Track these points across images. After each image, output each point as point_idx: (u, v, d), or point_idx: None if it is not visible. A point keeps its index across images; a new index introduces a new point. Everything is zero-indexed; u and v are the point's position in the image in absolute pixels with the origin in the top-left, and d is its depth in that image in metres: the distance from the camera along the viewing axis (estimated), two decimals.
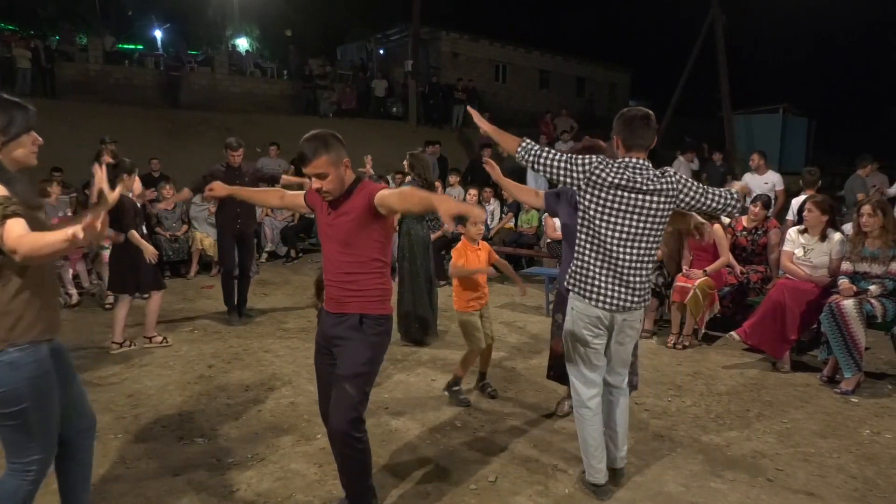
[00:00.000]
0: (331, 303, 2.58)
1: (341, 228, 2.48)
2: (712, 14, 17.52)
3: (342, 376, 2.48)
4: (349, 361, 2.49)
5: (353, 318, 2.51)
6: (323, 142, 2.42)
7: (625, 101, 29.40)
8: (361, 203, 2.44)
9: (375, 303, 2.53)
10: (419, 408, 3.99)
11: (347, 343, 2.51)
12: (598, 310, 2.79)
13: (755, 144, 17.63)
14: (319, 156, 2.39)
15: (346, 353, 2.51)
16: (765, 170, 8.20)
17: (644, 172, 2.71)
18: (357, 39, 27.44)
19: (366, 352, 2.50)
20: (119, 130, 11.99)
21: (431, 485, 3.03)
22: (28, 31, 21.45)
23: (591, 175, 2.70)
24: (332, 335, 2.56)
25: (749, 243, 5.79)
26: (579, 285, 2.83)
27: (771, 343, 4.78)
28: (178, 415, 3.85)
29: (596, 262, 2.77)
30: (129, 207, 5.00)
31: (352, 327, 2.50)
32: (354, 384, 2.46)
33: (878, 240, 4.46)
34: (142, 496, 2.91)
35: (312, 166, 2.40)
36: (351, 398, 2.45)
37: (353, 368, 2.47)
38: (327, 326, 2.59)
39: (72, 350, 5.08)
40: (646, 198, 2.70)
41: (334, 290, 2.55)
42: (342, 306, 2.53)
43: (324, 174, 2.41)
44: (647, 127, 2.76)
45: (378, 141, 14.86)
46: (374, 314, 2.53)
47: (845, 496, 2.98)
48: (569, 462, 3.27)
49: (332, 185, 2.43)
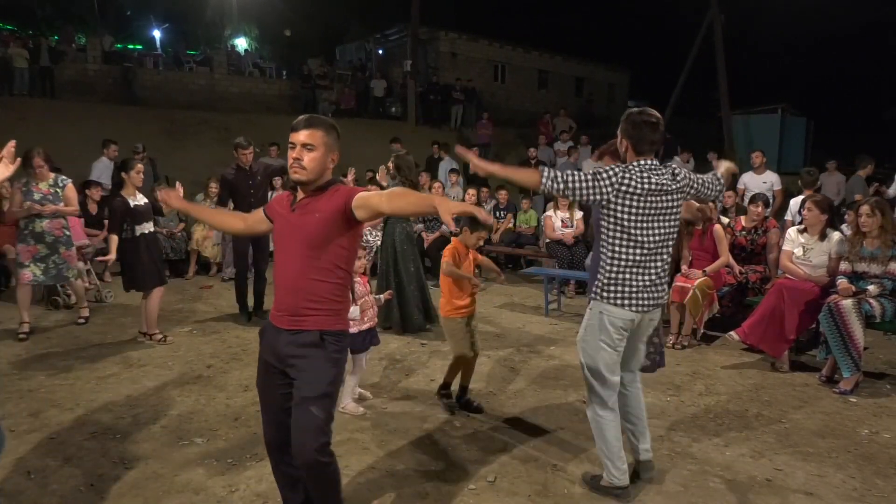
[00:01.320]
0: (284, 317, 2.29)
1: (307, 228, 2.24)
2: (711, 14, 17.55)
3: (307, 398, 2.20)
4: (313, 381, 2.22)
5: (313, 335, 2.24)
6: (325, 122, 2.30)
7: (623, 101, 29.41)
8: (335, 204, 2.22)
9: (335, 318, 2.30)
10: (418, 407, 3.99)
11: (308, 361, 2.24)
12: (633, 313, 2.81)
13: (754, 145, 17.64)
14: (317, 128, 2.24)
15: (308, 372, 2.23)
16: (763, 169, 8.24)
17: (663, 174, 2.77)
18: (356, 39, 27.45)
19: (330, 370, 2.26)
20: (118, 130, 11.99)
21: (430, 484, 3.03)
22: (26, 31, 21.43)
23: (621, 186, 2.71)
24: (287, 354, 2.27)
25: (748, 243, 5.80)
26: (613, 291, 2.82)
27: (770, 343, 4.78)
28: (177, 415, 3.84)
29: (634, 266, 2.79)
30: (117, 208, 5.13)
31: (311, 345, 2.24)
32: (322, 406, 2.21)
33: (877, 240, 4.46)
34: (140, 497, 2.91)
35: (304, 134, 2.22)
36: (319, 421, 2.20)
37: (319, 388, 2.22)
38: (280, 345, 2.28)
39: (71, 350, 5.11)
40: (671, 197, 2.79)
41: (289, 301, 2.28)
42: (298, 322, 2.26)
43: (311, 146, 2.22)
44: (656, 131, 2.81)
45: (377, 141, 14.85)
46: (335, 330, 2.29)
47: (844, 496, 2.98)
48: (568, 462, 3.27)
49: (313, 162, 2.22)
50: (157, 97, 16.89)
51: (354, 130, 15.72)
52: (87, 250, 7.02)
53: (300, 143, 2.23)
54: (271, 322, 2.35)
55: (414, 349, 5.25)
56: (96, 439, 3.49)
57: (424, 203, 2.15)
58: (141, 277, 5.19)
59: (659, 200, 2.75)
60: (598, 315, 2.84)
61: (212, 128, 15.21)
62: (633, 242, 2.76)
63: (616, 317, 2.80)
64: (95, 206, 7.84)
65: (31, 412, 3.84)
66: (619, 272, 2.79)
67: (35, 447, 3.37)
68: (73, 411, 3.87)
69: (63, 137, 12.06)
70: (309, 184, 2.26)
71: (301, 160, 2.21)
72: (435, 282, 7.96)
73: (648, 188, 2.71)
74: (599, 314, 2.83)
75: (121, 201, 5.13)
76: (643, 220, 2.73)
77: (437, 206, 2.00)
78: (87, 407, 3.94)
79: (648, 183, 2.71)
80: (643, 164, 2.75)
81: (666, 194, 2.76)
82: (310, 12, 27.52)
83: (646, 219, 2.74)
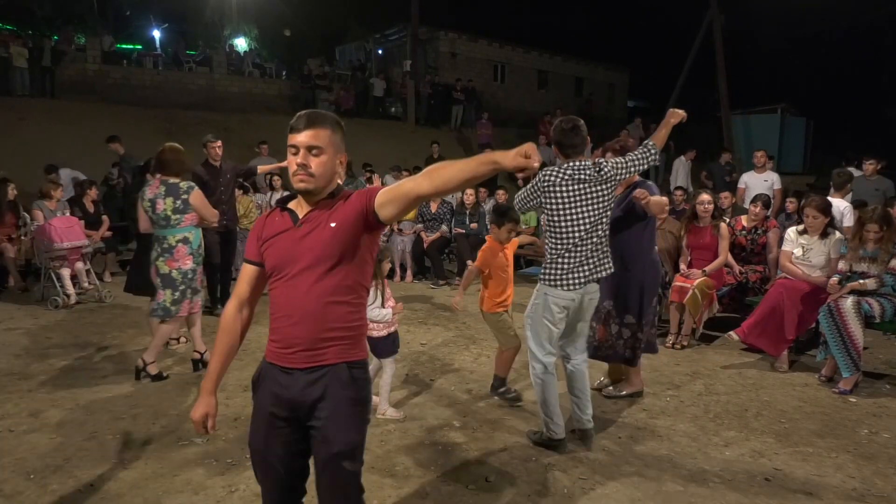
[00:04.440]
0: (295, 355, 1.84)
1: (322, 244, 1.82)
2: (710, 14, 17.55)
3: (340, 453, 1.82)
4: (344, 431, 1.83)
5: (337, 371, 1.84)
6: (330, 118, 1.88)
7: (623, 101, 29.45)
8: (354, 209, 1.83)
9: (357, 345, 1.91)
10: (417, 407, 3.99)
11: (335, 406, 1.83)
12: (571, 292, 3.25)
13: (754, 144, 17.62)
14: (321, 126, 1.84)
15: (335, 421, 1.83)
16: (765, 168, 8.26)
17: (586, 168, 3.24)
18: (356, 39, 27.44)
19: (360, 413, 1.89)
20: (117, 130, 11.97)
21: (430, 484, 3.03)
22: (26, 31, 21.41)
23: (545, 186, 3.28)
24: (307, 399, 1.83)
25: (748, 242, 5.81)
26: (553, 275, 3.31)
27: (769, 343, 4.79)
28: (176, 415, 3.84)
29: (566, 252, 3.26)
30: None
31: (336, 383, 1.84)
32: (355, 459, 1.87)
33: (877, 243, 4.46)
34: (140, 497, 2.91)
35: (309, 134, 1.81)
36: (355, 479, 1.88)
37: (351, 439, 1.85)
38: (294, 390, 1.83)
39: (71, 350, 5.11)
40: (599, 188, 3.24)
41: (300, 334, 1.83)
42: (316, 357, 1.83)
43: (317, 149, 1.82)
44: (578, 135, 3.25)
45: (377, 141, 14.87)
46: (359, 360, 1.91)
47: (843, 496, 2.98)
48: (568, 462, 3.27)
49: (322, 167, 1.83)
50: (157, 97, 16.87)
51: (354, 130, 15.70)
52: (86, 250, 7.03)
53: (304, 145, 1.82)
54: (272, 364, 1.89)
55: (414, 349, 5.25)
56: (96, 439, 3.49)
57: (479, 163, 1.70)
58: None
59: (581, 190, 3.19)
60: (544, 296, 3.28)
61: (211, 128, 15.09)
62: (564, 232, 3.22)
63: (558, 296, 3.25)
64: (93, 206, 7.85)
65: (31, 412, 3.84)
66: (557, 258, 3.25)
67: (35, 447, 3.37)
68: (73, 411, 3.87)
69: (63, 137, 12.07)
70: (317, 193, 1.86)
71: (308, 166, 1.81)
72: (434, 282, 8.04)
73: (569, 181, 3.18)
74: (544, 295, 3.28)
75: None
76: (569, 211, 3.19)
77: (498, 160, 1.67)
78: (88, 407, 3.94)
79: (570, 178, 3.18)
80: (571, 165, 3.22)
81: (588, 184, 3.19)
82: (310, 12, 27.51)
83: (572, 210, 3.19)
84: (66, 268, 6.70)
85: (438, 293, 7.59)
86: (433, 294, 7.56)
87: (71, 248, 6.74)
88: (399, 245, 8.24)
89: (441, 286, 7.89)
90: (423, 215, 8.52)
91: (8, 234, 7.31)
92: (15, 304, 6.65)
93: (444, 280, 8.03)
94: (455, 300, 4.11)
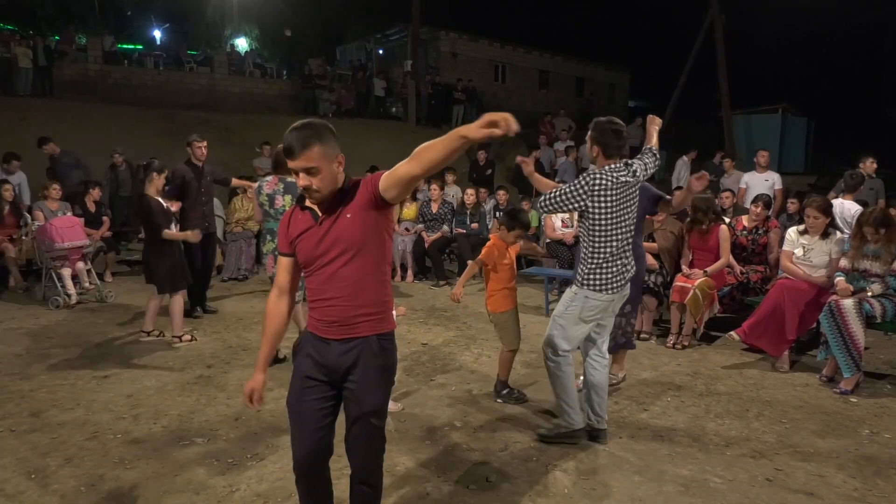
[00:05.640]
0: (331, 328, 2.14)
1: (345, 232, 2.06)
2: (711, 14, 17.54)
3: (369, 412, 2.15)
4: (371, 393, 2.15)
5: (368, 342, 2.14)
6: (315, 131, 2.04)
7: (624, 101, 29.45)
8: (363, 198, 2.06)
9: (385, 319, 2.19)
10: (418, 407, 3.99)
11: (365, 372, 2.14)
12: (611, 294, 3.31)
13: (754, 145, 17.60)
14: (311, 147, 2.00)
15: (364, 384, 2.14)
16: (766, 168, 8.26)
17: (626, 172, 3.27)
18: (356, 39, 27.46)
19: (386, 378, 2.22)
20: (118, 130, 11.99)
21: (430, 484, 3.03)
22: (27, 31, 21.43)
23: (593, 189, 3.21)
24: (342, 366, 2.14)
25: (749, 243, 5.80)
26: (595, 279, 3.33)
27: (770, 343, 4.78)
28: (177, 415, 3.84)
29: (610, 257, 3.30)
30: (156, 208, 5.13)
31: (368, 353, 2.14)
32: (381, 416, 2.20)
33: (879, 242, 4.46)
34: (141, 497, 2.91)
35: (302, 159, 2.00)
36: (380, 433, 2.21)
37: (377, 399, 2.18)
38: (330, 357, 2.14)
39: (72, 350, 5.11)
40: (633, 191, 3.31)
41: (337, 313, 2.12)
42: (350, 330, 2.12)
43: (314, 169, 2.01)
44: (621, 138, 3.30)
45: (378, 141, 14.87)
46: (386, 332, 2.19)
47: (844, 496, 2.98)
48: (568, 462, 3.27)
49: (323, 182, 2.04)
50: (158, 97, 16.89)
51: (355, 130, 15.74)
52: (87, 250, 7.03)
53: (300, 169, 2.02)
54: (313, 334, 2.19)
55: (414, 349, 5.25)
56: (96, 439, 3.49)
57: (450, 140, 1.85)
58: (169, 278, 5.20)
59: (624, 193, 3.22)
60: (583, 299, 3.32)
61: (212, 128, 15.19)
62: (608, 236, 3.24)
63: (597, 299, 3.31)
64: (94, 206, 7.86)
65: (31, 412, 3.84)
66: (601, 262, 3.27)
67: (35, 447, 3.38)
68: (73, 411, 3.87)
69: (63, 137, 12.07)
70: (333, 199, 2.10)
71: (311, 186, 2.04)
72: (435, 282, 8.04)
73: (616, 184, 3.19)
74: (584, 298, 3.32)
75: (156, 201, 5.15)
76: (614, 214, 3.21)
77: (465, 133, 1.81)
78: (87, 407, 3.95)
79: (615, 181, 3.19)
80: (613, 167, 3.23)
81: (628, 186, 3.24)
82: (310, 12, 27.53)
83: (616, 213, 3.21)
84: (67, 268, 6.71)
85: (439, 293, 7.59)
86: (434, 294, 7.56)
87: (72, 247, 6.74)
88: (400, 245, 8.24)
89: (442, 286, 7.89)
90: (424, 215, 8.52)
91: (9, 234, 7.32)
92: (16, 304, 6.65)
93: (444, 280, 8.03)
94: (455, 292, 4.13)
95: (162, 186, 5.33)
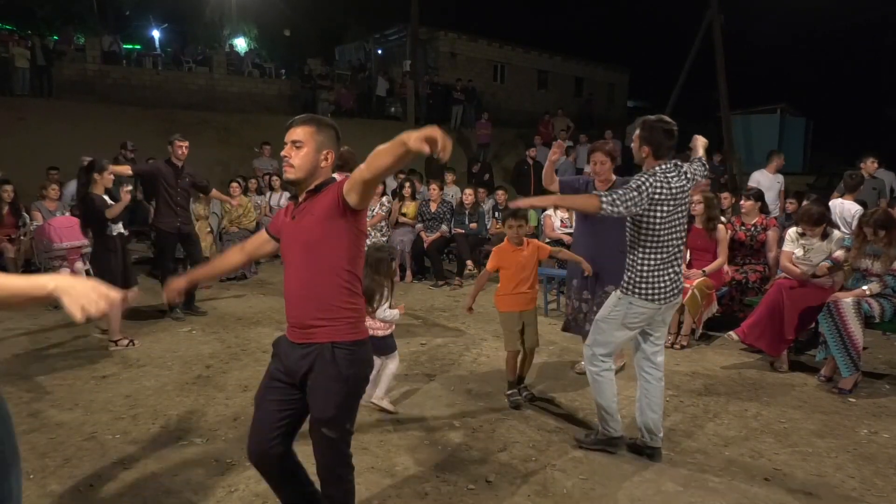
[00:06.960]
0: (294, 330, 2.21)
1: (305, 231, 2.15)
2: (710, 14, 17.53)
3: (318, 420, 2.17)
4: (323, 402, 2.16)
5: (323, 349, 2.14)
6: (317, 120, 2.23)
7: (623, 102, 29.43)
8: (329, 199, 2.12)
9: (347, 327, 2.17)
10: (417, 407, 3.99)
11: (319, 380, 2.15)
12: (660, 304, 3.16)
13: (753, 145, 17.65)
14: (306, 125, 2.18)
15: (318, 392, 2.16)
16: (775, 169, 8.29)
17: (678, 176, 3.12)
18: (355, 39, 27.43)
19: (341, 389, 2.15)
20: (117, 130, 11.98)
21: (430, 484, 3.03)
22: (26, 31, 21.41)
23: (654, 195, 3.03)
24: (300, 370, 2.17)
25: (748, 238, 5.81)
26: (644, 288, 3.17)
27: (769, 342, 4.79)
28: (176, 415, 3.84)
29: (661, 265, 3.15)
30: (99, 203, 5.09)
31: (322, 360, 2.13)
32: (333, 426, 2.17)
33: (880, 242, 4.46)
34: (140, 497, 2.91)
35: (292, 132, 2.18)
36: (333, 442, 2.19)
37: (328, 411, 2.15)
38: (291, 360, 2.19)
39: (70, 350, 5.10)
40: (686, 197, 3.18)
41: (297, 313, 2.18)
42: (308, 334, 2.16)
43: (299, 143, 2.16)
44: (672, 138, 3.14)
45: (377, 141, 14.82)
46: (348, 341, 2.16)
47: (843, 496, 2.99)
48: (568, 462, 3.27)
49: (301, 160, 2.15)
50: (157, 97, 16.87)
51: (354, 131, 15.72)
52: (85, 250, 7.03)
53: (288, 140, 2.18)
54: (285, 335, 2.27)
55: (413, 349, 5.25)
56: (95, 439, 3.49)
57: (395, 146, 1.88)
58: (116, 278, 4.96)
59: (679, 196, 3.09)
60: (628, 304, 3.18)
61: (211, 128, 15.20)
62: (665, 242, 3.11)
63: (644, 308, 3.15)
64: None
65: (31, 412, 3.84)
66: (654, 270, 3.12)
67: (33, 447, 3.37)
68: (71, 411, 3.87)
69: (63, 137, 12.06)
70: (299, 182, 2.19)
71: (289, 157, 2.16)
72: (434, 282, 8.03)
73: (673, 188, 3.04)
74: (629, 304, 3.17)
75: (99, 198, 5.09)
76: (671, 219, 3.08)
77: (405, 141, 1.81)
78: (86, 407, 3.94)
79: (671, 185, 3.04)
80: (666, 168, 3.07)
81: (681, 189, 3.10)
82: (309, 12, 27.51)
83: (672, 218, 3.08)
84: (65, 268, 6.70)
85: (438, 293, 7.59)
86: (433, 294, 7.56)
87: (70, 247, 6.74)
88: (399, 245, 8.23)
89: (441, 286, 7.89)
90: (422, 215, 8.52)
91: (8, 234, 7.31)
92: None
93: (443, 280, 8.03)
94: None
95: (111, 183, 5.24)
